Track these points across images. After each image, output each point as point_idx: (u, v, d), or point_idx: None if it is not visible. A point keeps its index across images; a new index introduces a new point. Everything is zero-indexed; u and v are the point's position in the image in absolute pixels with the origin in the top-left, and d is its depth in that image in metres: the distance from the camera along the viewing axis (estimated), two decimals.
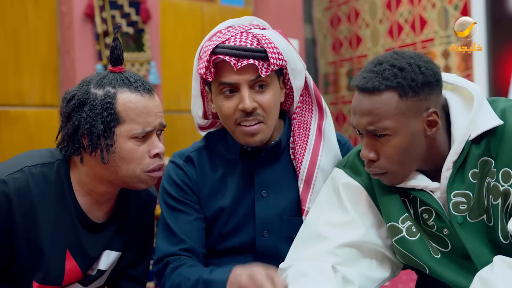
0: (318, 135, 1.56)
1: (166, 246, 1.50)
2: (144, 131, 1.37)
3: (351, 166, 1.45)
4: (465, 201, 1.29)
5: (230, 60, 1.40)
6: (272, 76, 1.46)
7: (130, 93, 1.37)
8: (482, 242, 1.29)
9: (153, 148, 1.40)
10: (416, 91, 1.25)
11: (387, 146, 1.28)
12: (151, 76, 4.09)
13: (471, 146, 1.30)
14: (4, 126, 3.72)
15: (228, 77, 1.43)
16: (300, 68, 1.53)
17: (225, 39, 1.44)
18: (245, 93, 1.42)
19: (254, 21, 1.53)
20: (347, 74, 5.31)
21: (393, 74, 1.25)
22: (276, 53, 1.43)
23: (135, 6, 4.02)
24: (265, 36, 1.45)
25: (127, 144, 1.37)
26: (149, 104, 1.38)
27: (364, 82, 1.27)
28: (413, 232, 1.35)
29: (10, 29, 3.77)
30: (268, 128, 1.47)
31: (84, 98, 1.36)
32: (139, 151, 1.38)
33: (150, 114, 1.38)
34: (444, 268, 1.32)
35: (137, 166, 1.39)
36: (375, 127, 1.27)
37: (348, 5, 5.29)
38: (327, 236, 1.38)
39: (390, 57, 1.29)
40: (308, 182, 1.52)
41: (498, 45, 4.12)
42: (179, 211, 1.53)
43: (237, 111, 1.44)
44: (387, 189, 1.38)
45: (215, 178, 1.55)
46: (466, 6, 4.18)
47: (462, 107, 1.33)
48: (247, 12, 4.93)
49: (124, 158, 1.37)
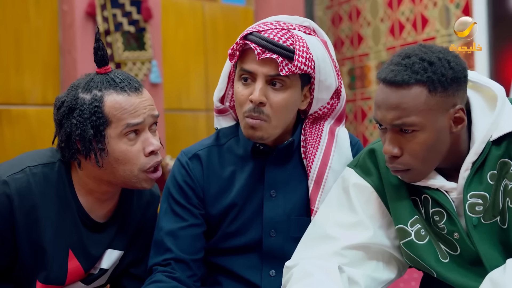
0: (330, 136, 1.55)
1: (153, 256, 1.51)
2: (130, 124, 1.36)
3: (361, 166, 1.42)
4: (482, 203, 1.26)
5: (255, 48, 1.40)
6: (294, 79, 1.44)
7: (116, 94, 1.36)
8: (494, 245, 1.27)
9: (147, 146, 1.39)
10: (445, 86, 1.21)
11: (413, 142, 1.24)
12: (153, 74, 4.09)
13: (492, 147, 1.27)
14: (6, 125, 3.73)
15: (249, 64, 1.43)
16: (330, 84, 1.51)
17: (262, 29, 1.44)
18: (259, 85, 1.41)
19: (304, 22, 1.51)
20: (348, 73, 5.31)
21: (423, 68, 1.21)
22: (305, 58, 1.41)
23: (137, 4, 4.02)
24: (304, 39, 1.44)
25: (119, 145, 1.36)
26: (136, 102, 1.38)
27: (392, 75, 1.23)
28: (422, 235, 1.32)
29: (11, 28, 3.78)
30: (271, 128, 1.45)
31: (73, 104, 1.36)
32: (133, 150, 1.37)
33: (137, 110, 1.37)
34: (452, 273, 1.30)
35: (134, 167, 1.38)
36: (402, 122, 1.22)
37: (349, 3, 5.28)
38: (335, 236, 1.37)
39: (418, 50, 1.25)
40: (319, 182, 1.50)
41: (499, 44, 4.11)
42: (176, 215, 1.52)
43: (248, 102, 1.43)
44: (398, 190, 1.36)
45: (224, 176, 1.54)
46: (467, 4, 4.17)
47: (484, 107, 1.30)
48: (249, 11, 4.92)
49: (119, 160, 1.37)
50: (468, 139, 1.30)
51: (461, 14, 4.18)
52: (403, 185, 1.36)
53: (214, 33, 4.71)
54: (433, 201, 1.32)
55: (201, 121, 4.70)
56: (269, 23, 1.48)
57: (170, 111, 4.51)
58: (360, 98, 5.19)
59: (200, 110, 4.66)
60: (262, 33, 1.43)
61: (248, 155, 1.53)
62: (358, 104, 5.21)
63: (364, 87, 5.15)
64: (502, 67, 4.11)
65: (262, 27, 1.45)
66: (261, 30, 1.44)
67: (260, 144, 1.49)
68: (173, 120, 4.53)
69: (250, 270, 1.52)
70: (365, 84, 5.14)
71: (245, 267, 1.52)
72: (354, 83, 5.26)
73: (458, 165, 1.29)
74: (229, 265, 1.53)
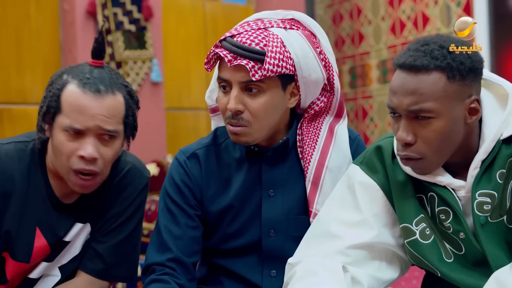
0: (329, 135, 1.52)
1: (153, 254, 1.48)
2: (72, 127, 1.32)
3: (367, 163, 1.41)
4: (490, 201, 1.25)
5: (225, 56, 1.37)
6: (272, 81, 1.40)
7: (75, 87, 1.33)
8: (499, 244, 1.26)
9: (80, 149, 1.33)
10: (464, 75, 1.20)
11: (428, 129, 1.22)
12: (153, 73, 4.09)
13: (502, 145, 1.25)
14: (7, 123, 3.73)
15: (223, 72, 1.41)
16: (317, 78, 1.46)
17: (237, 33, 1.40)
18: (233, 93, 1.39)
19: (287, 15, 1.48)
20: (349, 72, 5.30)
21: (442, 55, 1.21)
22: (277, 58, 1.37)
23: (137, 3, 4.02)
24: (279, 38, 1.40)
25: (59, 135, 1.34)
26: (88, 104, 1.32)
27: (412, 59, 1.21)
28: (427, 234, 1.32)
29: (12, 27, 3.78)
30: (255, 132, 1.42)
31: (53, 79, 1.39)
32: (67, 146, 1.34)
33: (84, 114, 1.31)
34: (456, 272, 1.29)
35: (65, 162, 1.35)
36: (420, 107, 1.20)
37: (350, 2, 5.28)
38: (338, 235, 1.36)
39: (438, 38, 1.25)
40: (316, 183, 1.48)
41: (500, 42, 4.11)
42: (173, 215, 1.50)
43: (227, 110, 1.41)
44: (404, 188, 1.34)
45: (222, 176, 1.52)
46: (468, 2, 4.17)
47: (494, 105, 1.29)
48: (249, 10, 4.92)
49: (55, 148, 1.36)
50: (478, 137, 1.29)
51: (462, 12, 4.17)
52: (409, 183, 1.34)
53: (215, 32, 4.71)
54: (439, 199, 1.31)
55: (202, 120, 4.69)
56: (247, 23, 1.44)
57: (171, 110, 4.51)
58: (361, 97, 5.19)
59: (201, 109, 4.66)
60: (235, 37, 1.39)
61: (244, 156, 1.51)
62: (359, 103, 5.21)
63: (365, 85, 5.15)
64: (503, 65, 4.10)
65: (238, 30, 1.42)
66: (235, 34, 1.40)
67: (253, 146, 1.48)
68: (174, 119, 4.53)
69: (251, 271, 1.51)
70: (366, 82, 5.14)
71: (246, 268, 1.51)
72: (355, 81, 5.25)
73: (467, 162, 1.28)
74: (230, 266, 1.52)
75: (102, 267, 1.48)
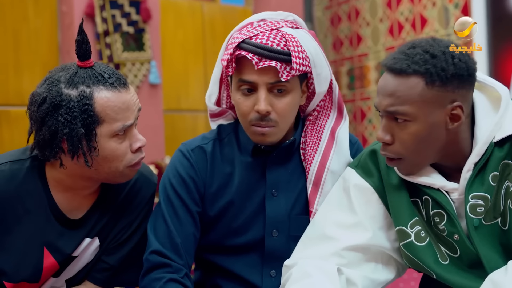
0: (330, 138, 1.54)
1: (158, 240, 1.45)
2: (125, 126, 1.32)
3: (363, 166, 1.42)
4: (483, 204, 1.26)
5: (252, 58, 1.37)
6: (294, 81, 1.42)
7: (107, 91, 1.30)
8: (494, 247, 1.26)
9: (134, 142, 1.36)
10: (444, 81, 1.21)
11: (405, 131, 1.25)
12: (152, 75, 4.09)
13: (494, 148, 1.25)
14: (5, 126, 3.72)
15: (248, 75, 1.40)
16: (326, 74, 1.50)
17: (253, 35, 1.40)
18: (262, 95, 1.39)
19: (289, 17, 1.49)
20: (347, 73, 5.31)
21: (423, 60, 1.21)
22: (301, 57, 1.39)
23: (136, 5, 4.02)
24: (295, 37, 1.41)
25: (110, 143, 1.32)
26: (127, 98, 1.33)
27: (393, 62, 1.24)
28: (422, 237, 1.32)
29: (10, 29, 3.78)
30: (280, 131, 1.45)
31: (58, 101, 1.28)
32: (121, 148, 1.33)
33: (129, 108, 1.33)
34: (451, 274, 1.30)
35: (120, 163, 1.34)
36: (395, 109, 1.23)
37: (348, 4, 5.28)
38: (334, 237, 1.37)
39: (425, 42, 1.25)
40: (317, 184, 1.49)
41: (498, 44, 4.11)
42: (174, 207, 1.48)
43: (253, 112, 1.41)
44: (398, 191, 1.35)
45: (225, 172, 1.52)
46: (466, 4, 4.17)
47: (487, 107, 1.29)
48: (247, 12, 4.92)
49: (107, 158, 1.32)
50: (471, 140, 1.29)
51: (460, 14, 4.18)
52: (403, 187, 1.35)
53: (213, 34, 4.71)
54: (433, 202, 1.31)
55: (201, 122, 4.70)
56: (256, 24, 1.44)
57: (169, 111, 4.51)
58: (359, 99, 5.19)
59: (200, 111, 4.66)
60: (253, 38, 1.39)
61: (248, 154, 1.52)
62: (357, 105, 5.21)
63: (363, 87, 5.15)
64: (501, 66, 4.11)
65: (251, 31, 1.41)
66: (252, 36, 1.40)
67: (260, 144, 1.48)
68: (172, 121, 4.53)
69: (251, 271, 1.51)
70: (364, 84, 5.14)
71: (245, 267, 1.51)
72: (353, 83, 5.26)
73: (459, 165, 1.29)
74: (229, 266, 1.52)
75: (110, 277, 1.49)
